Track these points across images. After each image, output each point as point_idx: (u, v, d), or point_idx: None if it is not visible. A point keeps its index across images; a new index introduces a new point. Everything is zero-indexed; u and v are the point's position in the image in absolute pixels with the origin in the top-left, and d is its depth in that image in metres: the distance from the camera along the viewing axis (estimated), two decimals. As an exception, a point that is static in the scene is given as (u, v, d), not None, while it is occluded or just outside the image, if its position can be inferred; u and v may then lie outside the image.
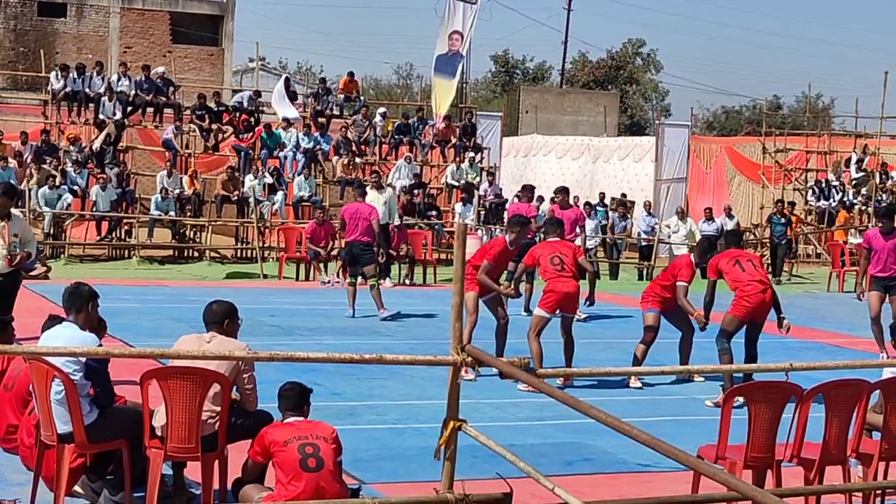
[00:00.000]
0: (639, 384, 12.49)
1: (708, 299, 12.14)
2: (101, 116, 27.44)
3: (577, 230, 18.05)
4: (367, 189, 21.95)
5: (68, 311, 7.42)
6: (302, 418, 7.03)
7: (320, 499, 6.56)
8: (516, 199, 21.12)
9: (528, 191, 20.15)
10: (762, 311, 11.75)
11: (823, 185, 33.01)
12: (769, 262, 26.43)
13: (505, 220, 20.09)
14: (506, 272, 14.37)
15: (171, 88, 29.48)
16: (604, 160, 37.82)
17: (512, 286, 13.13)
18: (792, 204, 30.49)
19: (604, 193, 31.50)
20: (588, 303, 13.17)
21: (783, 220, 27.17)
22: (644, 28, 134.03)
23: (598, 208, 28.70)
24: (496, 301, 12.85)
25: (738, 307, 11.70)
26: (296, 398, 7.11)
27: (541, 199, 25.40)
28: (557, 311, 12.40)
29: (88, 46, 42.33)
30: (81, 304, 7.40)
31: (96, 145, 26.58)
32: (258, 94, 30.79)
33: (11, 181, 24.85)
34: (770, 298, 11.69)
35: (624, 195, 32.15)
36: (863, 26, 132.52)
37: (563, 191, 19.02)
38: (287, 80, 31.69)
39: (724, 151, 38.28)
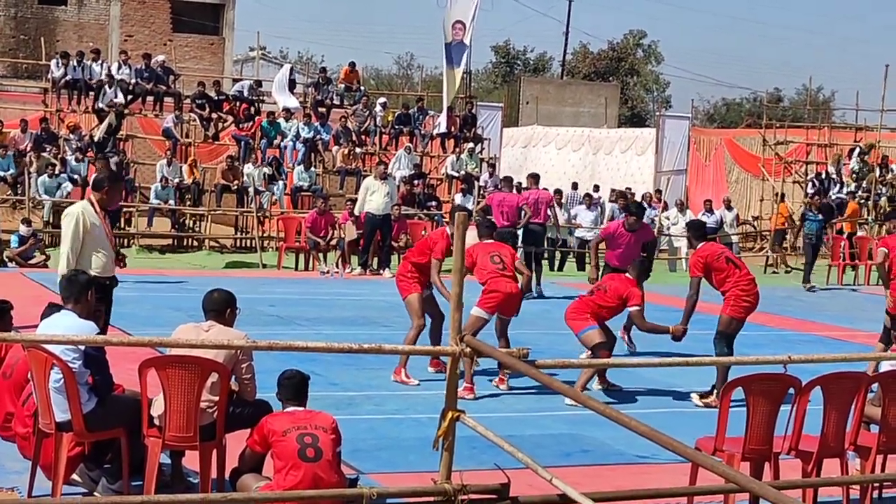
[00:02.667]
0: (599, 387, 11.74)
1: (693, 300, 11.35)
2: (100, 104, 27.42)
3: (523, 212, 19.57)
4: (373, 178, 21.90)
5: (66, 300, 7.41)
6: (302, 408, 7.03)
7: (318, 489, 6.57)
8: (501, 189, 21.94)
9: (508, 182, 20.61)
10: (755, 308, 11.45)
11: (823, 177, 32.96)
12: (806, 262, 23.72)
13: (490, 209, 20.48)
14: None
15: (172, 77, 29.45)
16: (605, 152, 37.79)
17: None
18: (782, 196, 30.43)
19: (632, 190, 31.00)
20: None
21: (820, 217, 24.12)
22: (645, 19, 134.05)
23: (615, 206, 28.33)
24: (431, 300, 12.03)
25: (738, 307, 11.19)
26: (296, 387, 7.11)
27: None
28: (496, 313, 11.44)
29: (89, 35, 42.25)
30: (79, 293, 7.39)
31: (98, 135, 26.53)
32: (258, 83, 30.76)
33: (11, 169, 24.97)
34: (759, 295, 11.41)
35: (629, 189, 31.78)
36: (863, 19, 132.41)
37: (507, 180, 21.44)
38: (291, 69, 31.66)
39: (723, 143, 38.27)
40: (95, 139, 26.46)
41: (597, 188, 30.36)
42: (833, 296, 22.41)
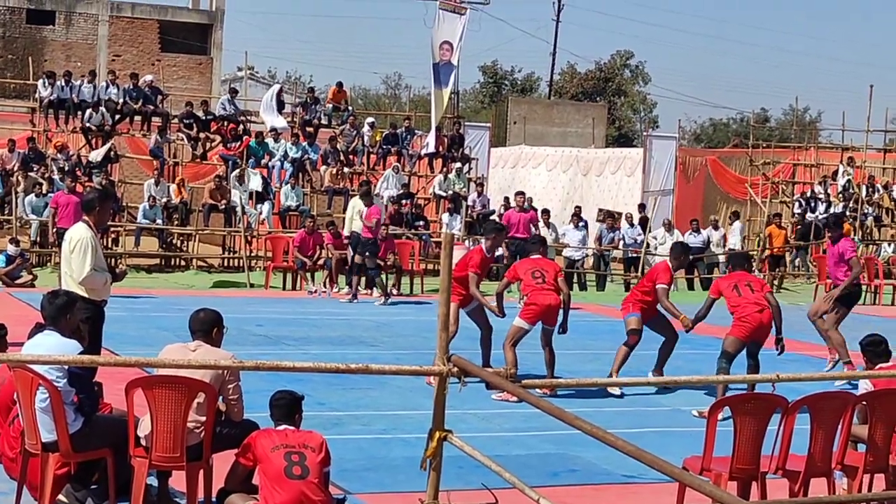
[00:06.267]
0: (618, 391, 12.57)
1: (701, 314, 12.30)
2: (88, 124, 27.39)
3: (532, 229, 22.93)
4: (359, 198, 21.88)
5: (47, 320, 7.38)
6: (293, 427, 7.00)
7: (305, 508, 6.54)
8: (515, 208, 24.56)
9: (520, 196, 21.69)
10: (761, 331, 11.98)
11: (809, 196, 33.06)
12: None
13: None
14: None
15: (160, 97, 29.43)
16: (595, 173, 37.80)
17: (496, 306, 12.88)
18: (778, 216, 30.40)
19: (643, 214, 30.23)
20: (561, 330, 12.63)
21: None
22: (632, 40, 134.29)
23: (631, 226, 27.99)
24: (479, 311, 12.92)
25: (739, 328, 11.91)
26: (286, 408, 7.07)
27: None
28: (538, 323, 12.46)
29: (77, 54, 42.28)
30: (59, 313, 7.36)
31: (94, 157, 26.47)
32: (234, 91, 30.80)
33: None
34: (768, 320, 11.91)
35: (644, 211, 30.97)
36: (849, 40, 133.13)
37: (520, 194, 25.04)
38: (280, 89, 31.69)
39: (707, 164, 38.28)
40: (91, 160, 26.41)
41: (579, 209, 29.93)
42: (820, 315, 22.40)
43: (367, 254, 20.42)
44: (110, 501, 7.18)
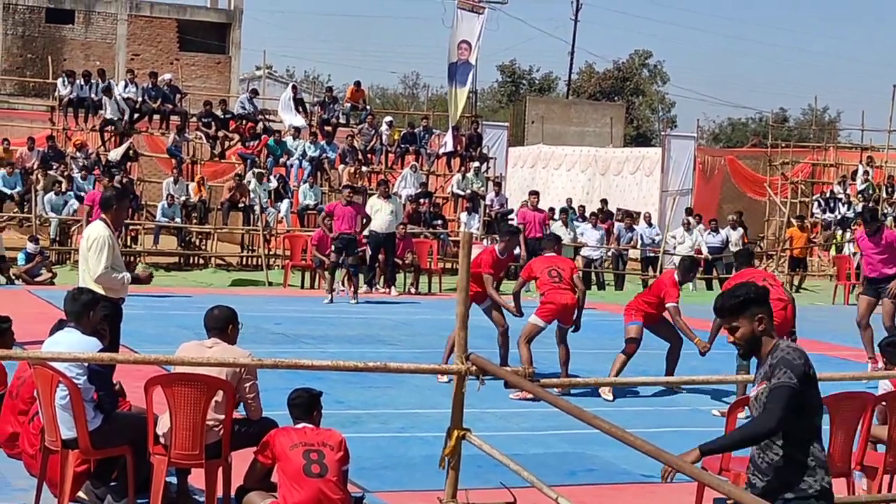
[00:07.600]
0: (611, 396, 12.24)
1: (718, 323, 11.95)
2: (105, 116, 27.44)
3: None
4: (376, 198, 21.88)
5: (70, 317, 7.42)
6: (311, 425, 7.01)
7: (323, 506, 6.55)
8: (528, 206, 24.79)
9: (534, 195, 21.72)
10: (784, 327, 11.68)
11: (829, 196, 32.96)
12: None
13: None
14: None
15: (178, 96, 29.50)
16: (613, 173, 37.77)
17: (514, 305, 12.88)
18: (801, 217, 30.30)
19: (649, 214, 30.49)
20: (573, 328, 12.60)
21: None
22: (651, 39, 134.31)
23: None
24: (495, 309, 12.90)
25: None
26: (304, 406, 7.08)
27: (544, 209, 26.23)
28: (553, 322, 12.42)
29: (96, 53, 42.42)
30: (83, 310, 7.39)
31: (113, 156, 26.55)
32: (255, 92, 30.85)
33: (18, 187, 25.02)
34: (791, 315, 11.73)
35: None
36: (869, 41, 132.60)
37: (534, 194, 25.23)
38: (294, 87, 31.74)
39: (725, 163, 38.23)
40: (110, 158, 26.50)
41: (583, 209, 29.91)
42: (840, 315, 22.35)
43: (349, 250, 20.45)
44: (129, 499, 7.20)
